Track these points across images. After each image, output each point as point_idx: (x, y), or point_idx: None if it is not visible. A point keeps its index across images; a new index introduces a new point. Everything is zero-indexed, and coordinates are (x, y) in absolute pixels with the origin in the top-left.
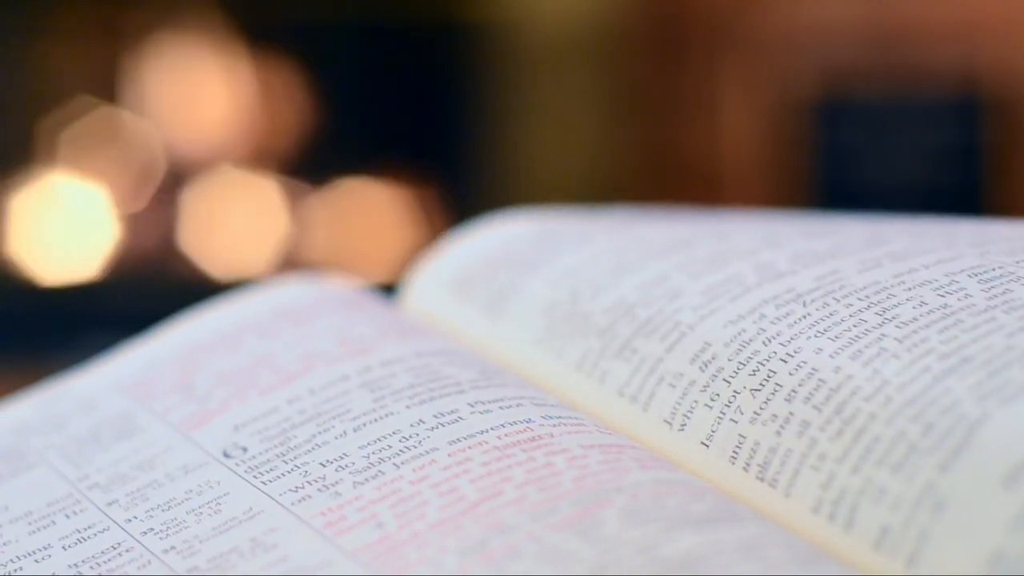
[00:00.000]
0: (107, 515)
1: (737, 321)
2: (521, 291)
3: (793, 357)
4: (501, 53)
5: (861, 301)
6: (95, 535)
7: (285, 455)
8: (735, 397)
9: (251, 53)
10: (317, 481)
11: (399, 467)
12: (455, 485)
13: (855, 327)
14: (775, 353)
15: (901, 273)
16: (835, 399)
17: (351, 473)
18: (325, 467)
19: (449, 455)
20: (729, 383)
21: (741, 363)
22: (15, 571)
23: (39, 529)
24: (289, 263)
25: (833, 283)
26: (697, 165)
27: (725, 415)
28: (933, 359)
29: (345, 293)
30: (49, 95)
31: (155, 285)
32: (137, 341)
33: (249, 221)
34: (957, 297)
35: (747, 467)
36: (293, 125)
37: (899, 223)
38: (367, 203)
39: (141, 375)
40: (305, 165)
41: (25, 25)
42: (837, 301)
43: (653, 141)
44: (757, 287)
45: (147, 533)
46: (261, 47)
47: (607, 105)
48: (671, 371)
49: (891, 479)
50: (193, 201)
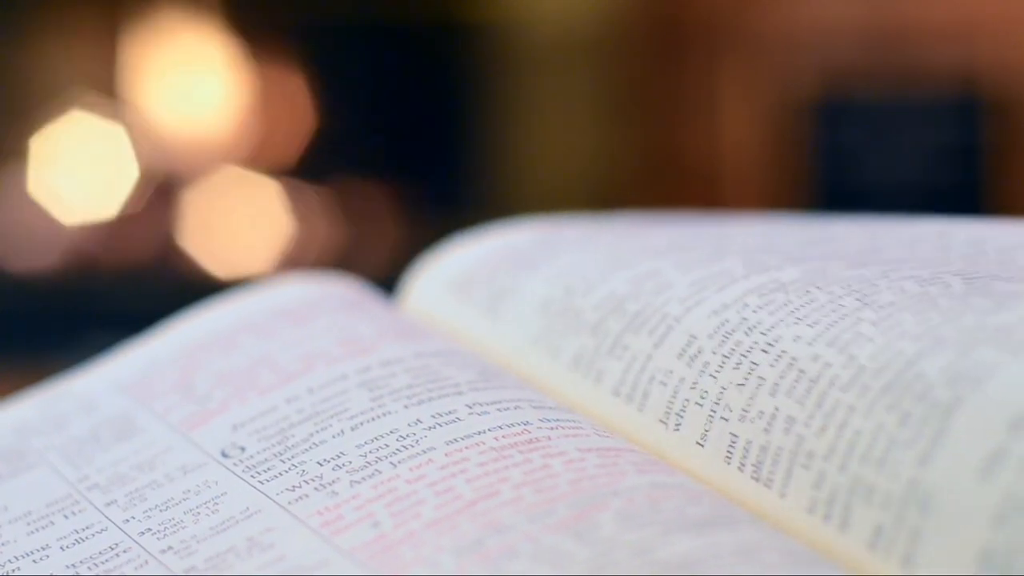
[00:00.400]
0: (105, 515)
1: (720, 311)
2: (519, 290)
3: (773, 347)
4: (501, 53)
5: (842, 289)
6: (93, 535)
7: (283, 454)
8: (723, 393)
9: (251, 52)
10: (314, 480)
11: (396, 466)
12: (451, 485)
13: (833, 312)
14: (756, 343)
15: (887, 270)
16: (816, 391)
17: (348, 472)
18: (322, 466)
19: (446, 455)
20: (715, 378)
21: (725, 356)
22: (13, 571)
23: (38, 529)
24: (289, 263)
25: (817, 274)
26: (697, 165)
27: (716, 413)
28: (907, 342)
29: (345, 292)
30: (48, 93)
31: (155, 285)
32: (137, 341)
33: (250, 221)
34: (938, 287)
35: (742, 467)
36: (293, 124)
37: (897, 229)
38: (367, 202)
39: (141, 375)
40: (305, 164)
41: (23, 22)
42: (819, 289)
43: (653, 141)
44: (744, 278)
45: (145, 533)
46: (261, 46)
47: (607, 105)
48: (661, 368)
49: (877, 476)
50: (193, 201)
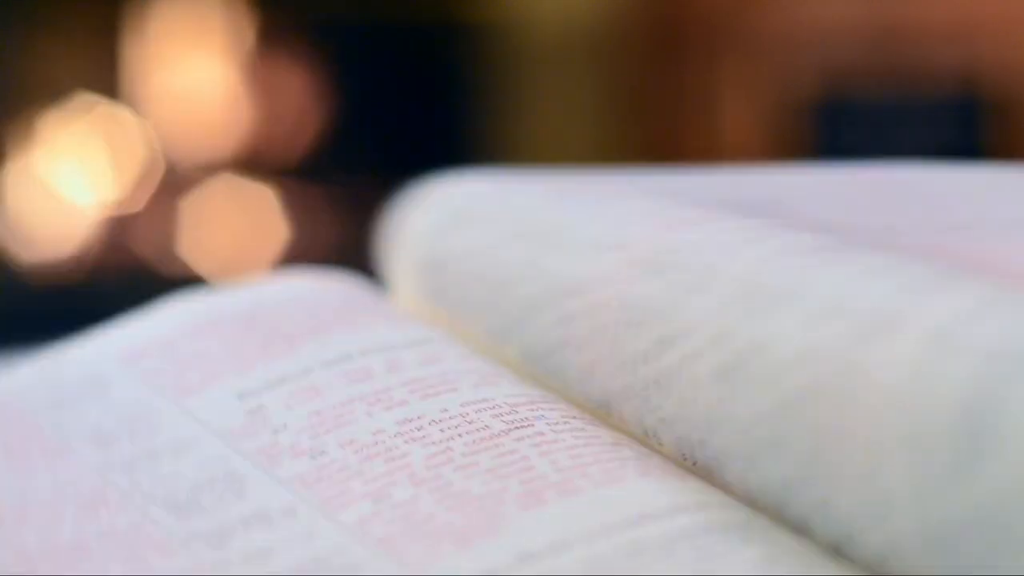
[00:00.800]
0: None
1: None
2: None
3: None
4: (501, 53)
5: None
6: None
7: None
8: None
9: (252, 52)
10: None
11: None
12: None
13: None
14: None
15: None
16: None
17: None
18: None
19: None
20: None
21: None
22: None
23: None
24: (290, 263)
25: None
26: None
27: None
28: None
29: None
30: (47, 92)
31: (154, 286)
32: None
33: (248, 224)
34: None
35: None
36: (293, 124)
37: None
38: (367, 203)
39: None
40: (305, 164)
41: (24, 22)
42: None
43: (653, 141)
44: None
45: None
46: (262, 46)
47: (607, 105)
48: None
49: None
50: (192, 204)
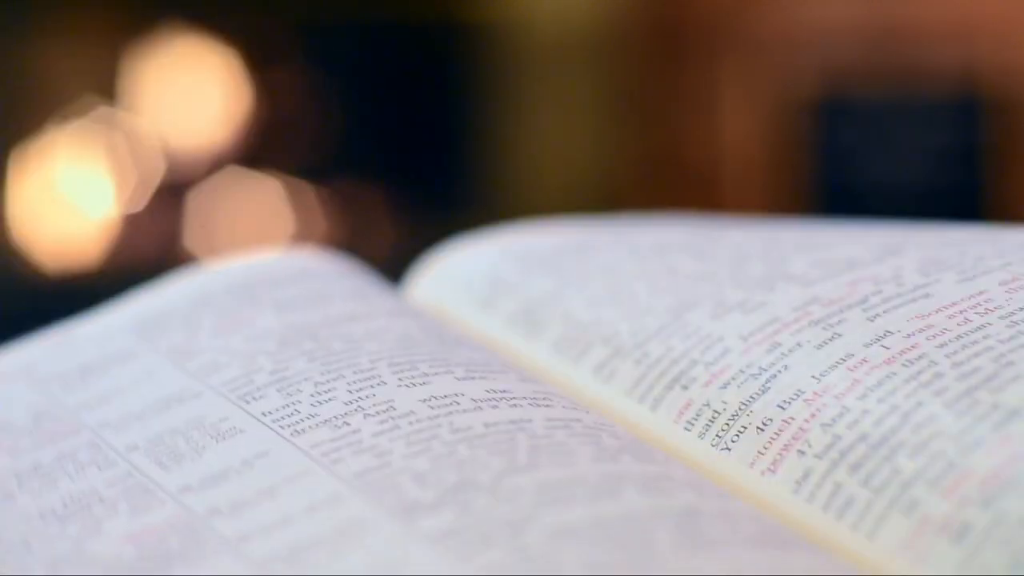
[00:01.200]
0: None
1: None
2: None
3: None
4: (501, 53)
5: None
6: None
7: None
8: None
9: (253, 53)
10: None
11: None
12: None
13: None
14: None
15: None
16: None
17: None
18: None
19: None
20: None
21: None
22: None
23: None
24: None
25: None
26: (697, 165)
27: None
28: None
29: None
30: (50, 94)
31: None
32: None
33: (252, 222)
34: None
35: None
36: (294, 125)
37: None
38: (367, 201)
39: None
40: (306, 165)
41: (28, 25)
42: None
43: (653, 141)
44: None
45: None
46: (262, 47)
47: (607, 105)
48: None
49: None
50: (196, 201)
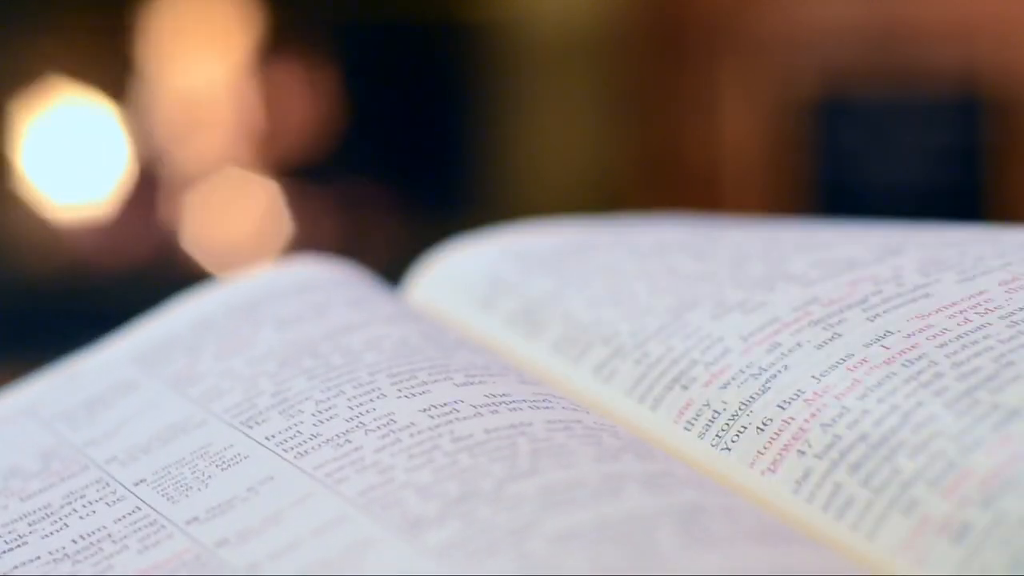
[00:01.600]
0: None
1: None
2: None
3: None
4: (501, 53)
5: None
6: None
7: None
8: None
9: (254, 51)
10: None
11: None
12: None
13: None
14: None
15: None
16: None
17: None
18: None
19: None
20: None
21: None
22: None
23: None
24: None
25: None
26: (697, 165)
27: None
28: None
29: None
30: (49, 90)
31: (155, 284)
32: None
33: (251, 221)
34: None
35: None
36: (294, 124)
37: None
38: (368, 201)
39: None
40: (306, 164)
41: (24, 17)
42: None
43: (653, 141)
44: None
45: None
46: (263, 46)
47: (607, 105)
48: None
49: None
50: (195, 200)
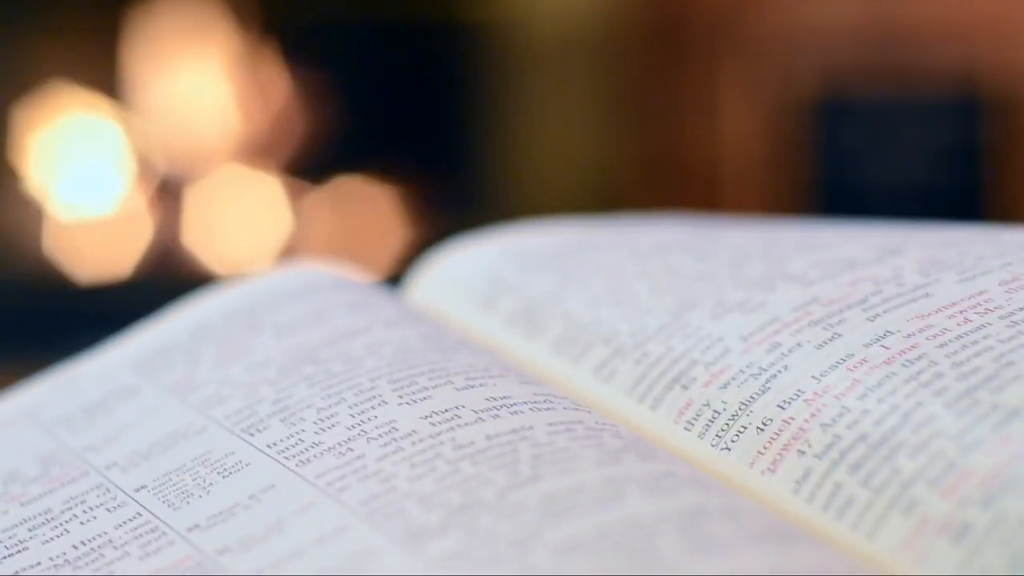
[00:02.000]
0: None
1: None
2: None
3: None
4: (501, 53)
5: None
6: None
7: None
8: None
9: (253, 51)
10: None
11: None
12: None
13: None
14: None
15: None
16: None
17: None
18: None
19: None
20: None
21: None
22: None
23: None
24: (291, 260)
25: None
26: (697, 165)
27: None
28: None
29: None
30: (48, 91)
31: (156, 284)
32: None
33: (251, 220)
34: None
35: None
36: (294, 123)
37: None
38: (368, 201)
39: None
40: (306, 164)
41: (24, 20)
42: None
43: (653, 141)
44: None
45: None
46: (263, 45)
47: (607, 105)
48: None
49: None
50: (195, 199)
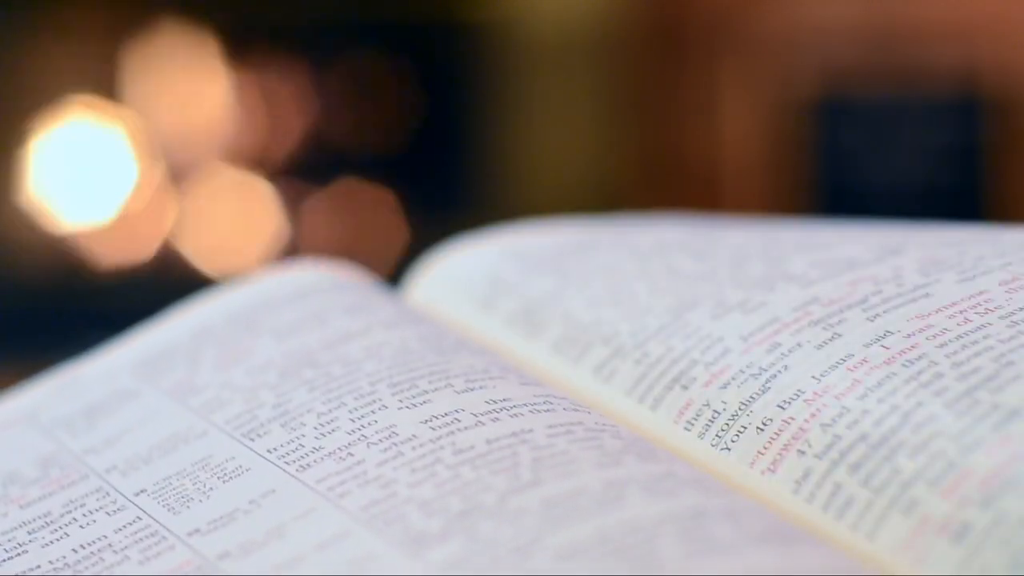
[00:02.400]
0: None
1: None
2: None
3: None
4: (501, 53)
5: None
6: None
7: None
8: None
9: (250, 52)
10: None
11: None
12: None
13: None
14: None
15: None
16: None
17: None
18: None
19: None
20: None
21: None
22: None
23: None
24: (291, 261)
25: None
26: (697, 165)
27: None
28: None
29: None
30: (46, 94)
31: (153, 286)
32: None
33: (248, 222)
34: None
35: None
36: (291, 125)
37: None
38: (367, 201)
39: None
40: (303, 165)
41: (22, 23)
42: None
43: (653, 141)
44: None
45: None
46: (260, 46)
47: (607, 105)
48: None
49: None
50: (191, 202)
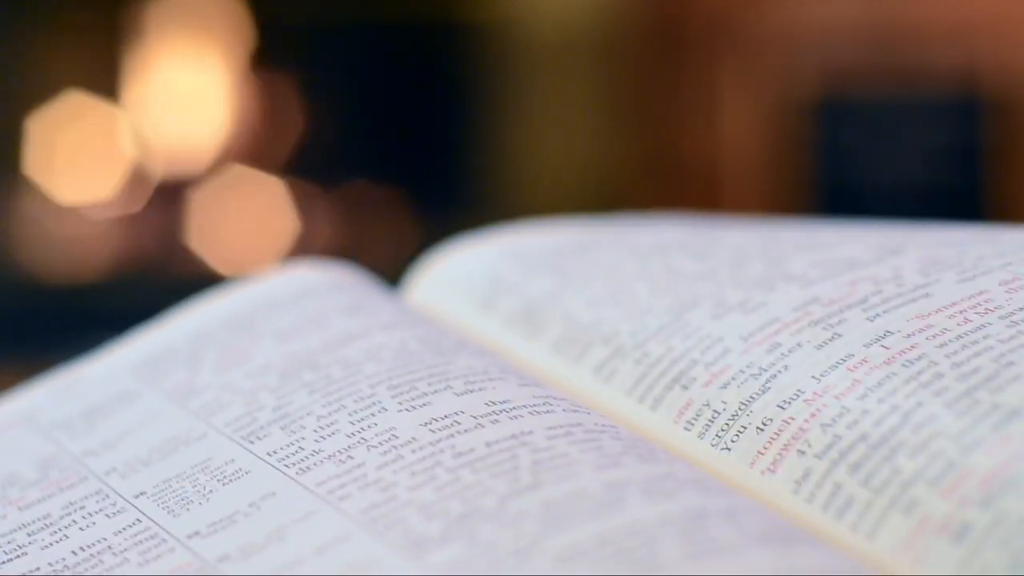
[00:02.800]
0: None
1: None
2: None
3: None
4: (501, 53)
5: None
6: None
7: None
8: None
9: (253, 53)
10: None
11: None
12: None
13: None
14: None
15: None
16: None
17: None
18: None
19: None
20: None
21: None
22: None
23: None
24: (292, 261)
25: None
26: (697, 165)
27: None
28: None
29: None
30: (50, 93)
31: (160, 284)
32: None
33: (253, 221)
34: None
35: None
36: (294, 124)
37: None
38: (368, 201)
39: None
40: (306, 165)
41: (25, 22)
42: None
43: (653, 141)
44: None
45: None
46: (263, 47)
47: (607, 105)
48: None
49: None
50: (198, 200)
